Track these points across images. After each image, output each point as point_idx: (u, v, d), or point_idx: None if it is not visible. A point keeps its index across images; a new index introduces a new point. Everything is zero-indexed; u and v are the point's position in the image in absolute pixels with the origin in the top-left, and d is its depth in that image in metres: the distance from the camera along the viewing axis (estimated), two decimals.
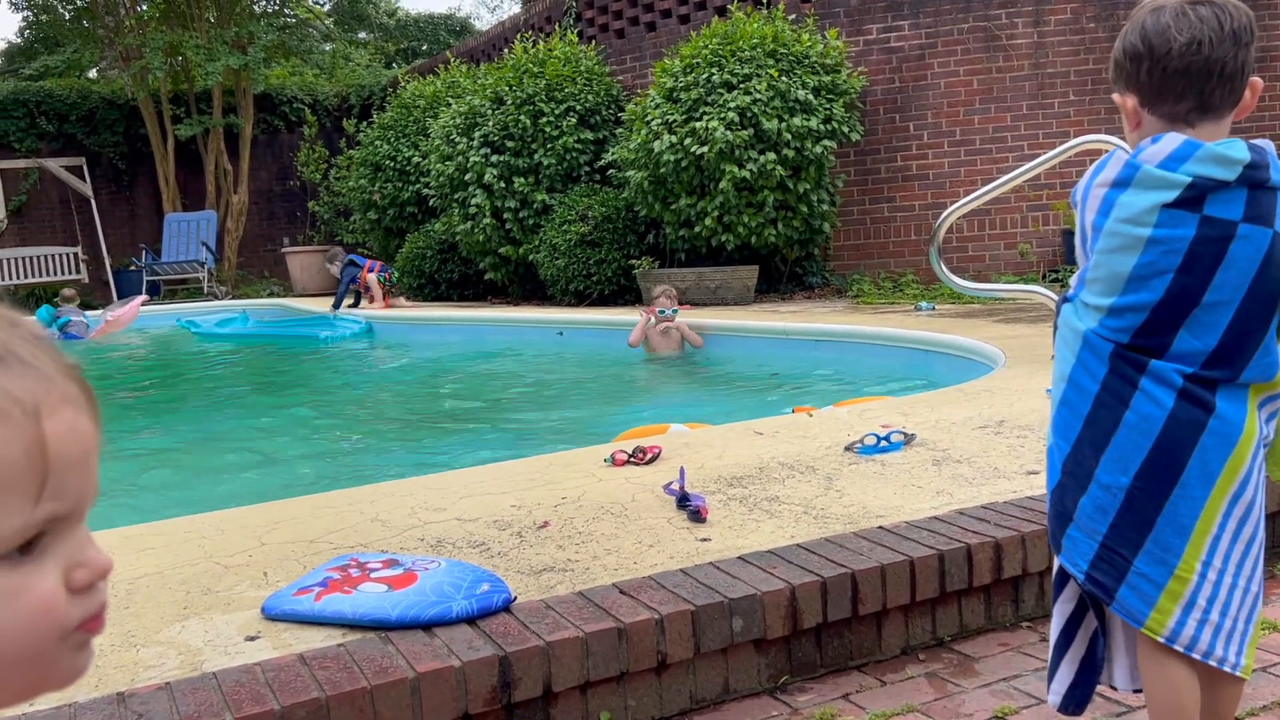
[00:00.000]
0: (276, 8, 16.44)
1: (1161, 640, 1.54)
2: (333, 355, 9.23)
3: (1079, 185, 1.58)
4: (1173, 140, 1.49)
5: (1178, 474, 1.52)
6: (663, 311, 6.92)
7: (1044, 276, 8.92)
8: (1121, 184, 1.50)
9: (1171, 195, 1.47)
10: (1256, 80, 1.53)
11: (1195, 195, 1.47)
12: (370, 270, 11.34)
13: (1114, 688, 1.70)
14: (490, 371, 7.84)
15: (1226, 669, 1.56)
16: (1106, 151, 1.79)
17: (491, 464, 3.44)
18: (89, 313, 11.70)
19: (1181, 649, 1.54)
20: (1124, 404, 1.52)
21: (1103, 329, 1.54)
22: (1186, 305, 1.50)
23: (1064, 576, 1.66)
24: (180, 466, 5.01)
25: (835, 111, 8.85)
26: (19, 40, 19.95)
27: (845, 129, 8.93)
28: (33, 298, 14.65)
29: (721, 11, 9.87)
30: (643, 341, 7.17)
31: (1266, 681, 2.03)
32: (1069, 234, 8.70)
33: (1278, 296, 1.52)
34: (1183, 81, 1.49)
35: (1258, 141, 1.52)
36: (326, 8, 19.42)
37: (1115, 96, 1.61)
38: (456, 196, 10.60)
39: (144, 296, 12.59)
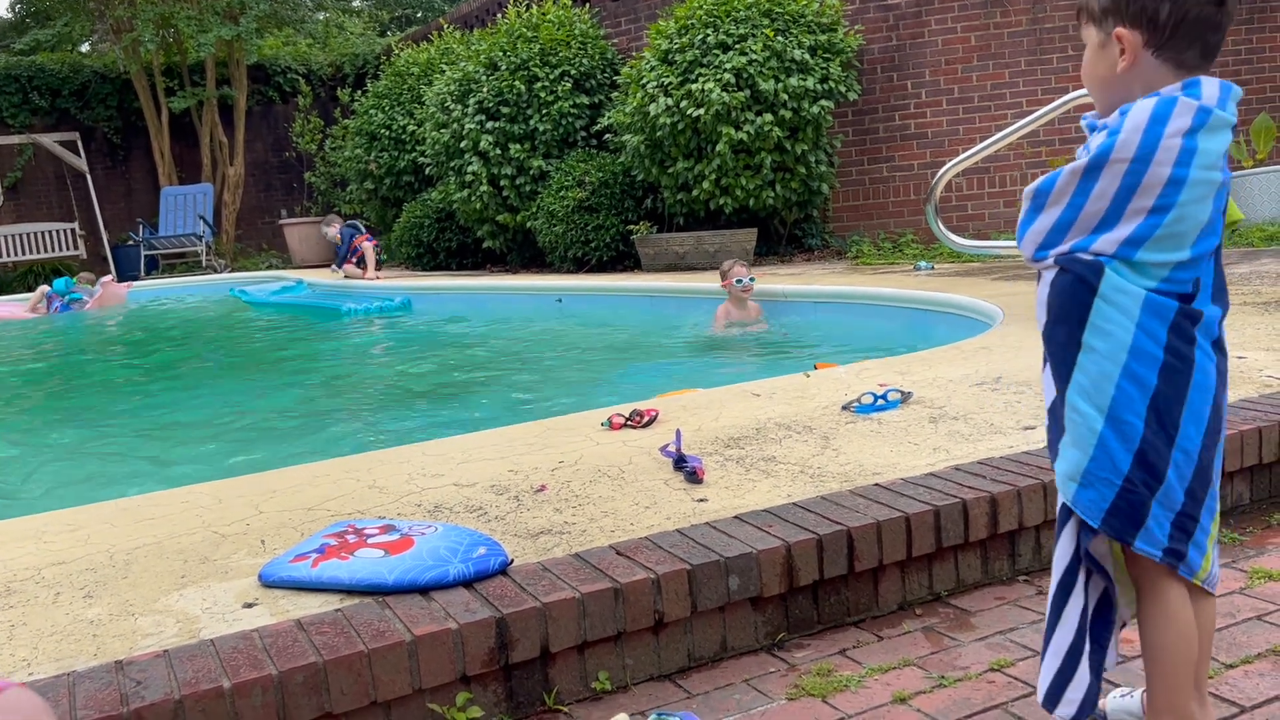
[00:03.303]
0: None
1: (1200, 584, 1.56)
2: (332, 326, 9.22)
3: (1128, 142, 1.46)
4: (1213, 84, 1.49)
5: (1221, 424, 1.55)
6: (739, 281, 6.59)
7: None
8: (1196, 130, 1.45)
9: (1229, 138, 1.49)
10: None
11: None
12: (368, 239, 11.48)
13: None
14: (489, 339, 7.84)
15: (1212, 588, 1.60)
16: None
17: (489, 430, 3.44)
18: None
19: (1208, 587, 1.57)
20: (1190, 364, 1.49)
21: (1167, 284, 1.48)
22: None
23: (1073, 573, 1.56)
24: (176, 438, 5.02)
25: (832, 71, 8.78)
26: (9, 15, 19.82)
27: (842, 88, 8.86)
28: (31, 274, 14.64)
29: None
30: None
31: (1262, 629, 2.04)
32: None
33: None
34: (1197, 29, 1.49)
35: None
36: None
37: (1101, 31, 1.55)
38: (453, 164, 10.55)
39: (129, 285, 12.72)
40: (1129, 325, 1.48)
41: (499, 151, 10.05)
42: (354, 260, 11.52)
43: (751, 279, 6.61)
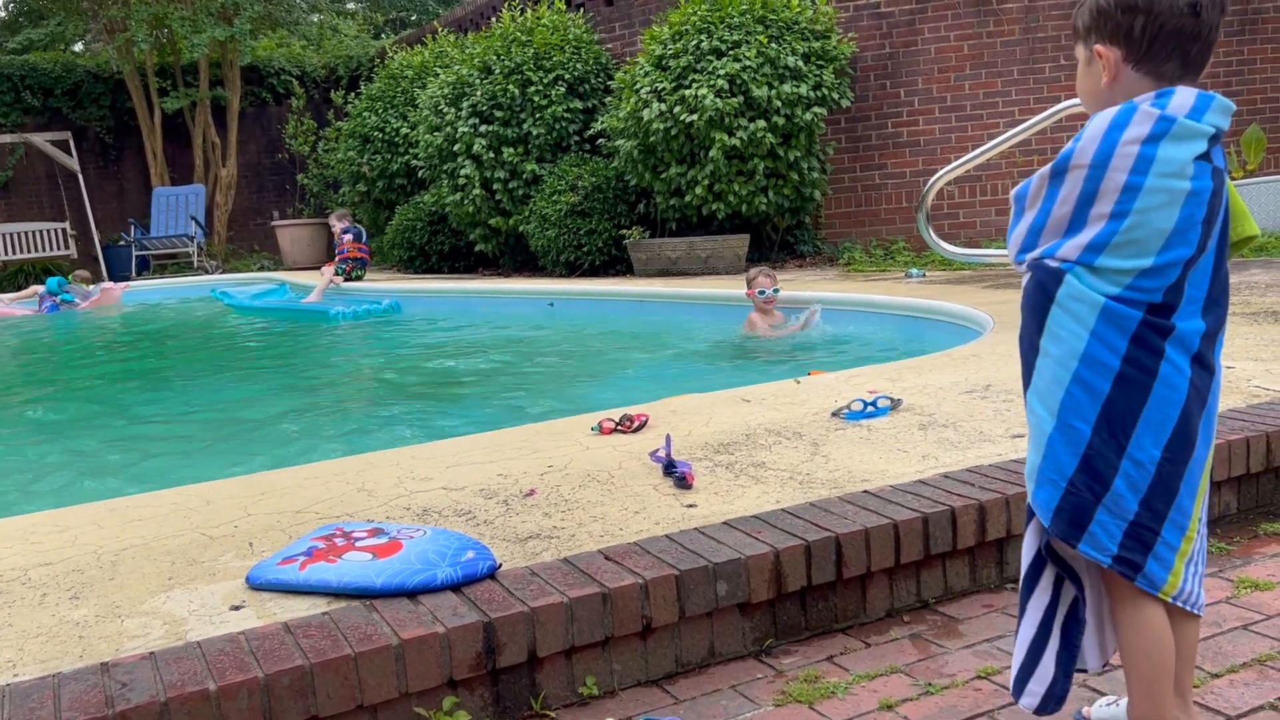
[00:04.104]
0: None
1: (1170, 599, 1.55)
2: (322, 329, 9.20)
3: (1085, 149, 1.49)
4: (1188, 93, 1.49)
5: (1194, 439, 1.53)
6: (762, 292, 6.55)
7: None
8: (1157, 138, 1.46)
9: (1202, 146, 1.48)
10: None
11: (1211, 147, 1.49)
12: (355, 253, 11.35)
13: (1082, 670, 1.65)
14: (480, 342, 7.83)
15: (1197, 611, 1.60)
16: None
17: (479, 433, 3.44)
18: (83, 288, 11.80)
19: (1180, 603, 1.56)
20: (1152, 376, 1.49)
21: (1131, 292, 1.47)
22: (1200, 258, 1.50)
23: (1037, 569, 1.61)
24: (165, 440, 5.01)
25: (825, 78, 8.80)
26: (2, 14, 19.77)
27: (835, 95, 8.88)
28: (21, 273, 14.59)
29: None
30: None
31: (1248, 639, 2.05)
32: None
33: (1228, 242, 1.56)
34: (1174, 41, 1.50)
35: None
36: None
37: (1086, 48, 1.58)
38: (445, 168, 10.56)
39: (123, 286, 12.67)
40: (1082, 333, 1.50)
41: (492, 155, 10.05)
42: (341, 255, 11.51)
43: (775, 289, 6.53)
